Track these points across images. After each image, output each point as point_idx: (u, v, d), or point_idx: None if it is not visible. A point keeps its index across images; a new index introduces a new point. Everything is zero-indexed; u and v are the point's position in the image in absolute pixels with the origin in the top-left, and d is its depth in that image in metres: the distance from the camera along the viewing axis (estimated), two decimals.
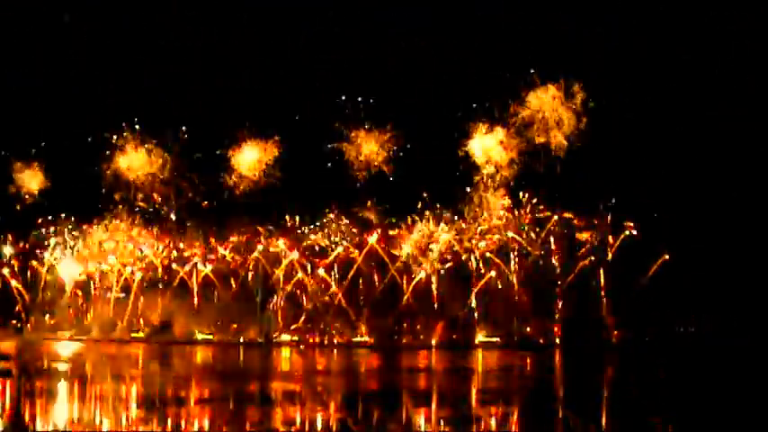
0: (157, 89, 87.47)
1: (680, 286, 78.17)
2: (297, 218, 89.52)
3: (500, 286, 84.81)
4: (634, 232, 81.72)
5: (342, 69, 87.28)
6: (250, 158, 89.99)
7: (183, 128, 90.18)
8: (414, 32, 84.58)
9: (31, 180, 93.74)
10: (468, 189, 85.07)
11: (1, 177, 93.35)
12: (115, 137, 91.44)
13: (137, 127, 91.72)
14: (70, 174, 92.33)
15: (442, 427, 32.01)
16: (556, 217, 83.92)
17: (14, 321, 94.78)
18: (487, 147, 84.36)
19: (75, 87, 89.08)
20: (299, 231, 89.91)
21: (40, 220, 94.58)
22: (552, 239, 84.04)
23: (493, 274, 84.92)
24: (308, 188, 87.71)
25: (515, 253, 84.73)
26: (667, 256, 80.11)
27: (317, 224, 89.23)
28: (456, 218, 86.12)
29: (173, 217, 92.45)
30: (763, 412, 33.83)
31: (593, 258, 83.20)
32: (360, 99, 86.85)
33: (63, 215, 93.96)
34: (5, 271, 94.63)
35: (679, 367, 58.92)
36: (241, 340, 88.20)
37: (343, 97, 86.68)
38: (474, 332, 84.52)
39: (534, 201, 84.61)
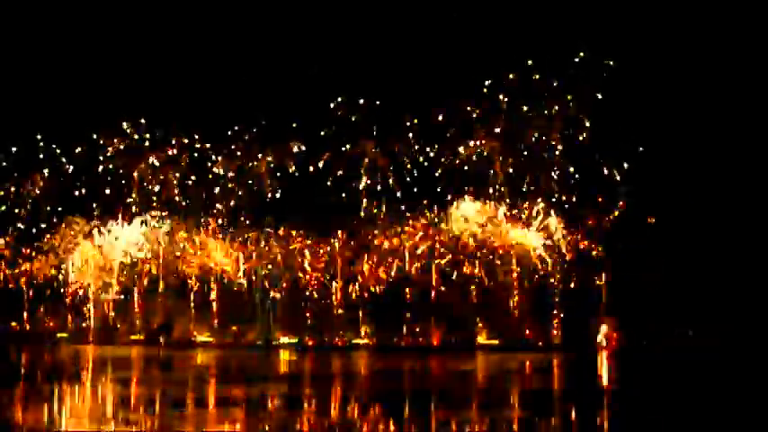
0: (159, 91, 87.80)
1: (681, 290, 78.11)
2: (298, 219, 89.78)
3: (500, 289, 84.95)
4: (636, 233, 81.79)
5: (342, 72, 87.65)
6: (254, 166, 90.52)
7: (196, 135, 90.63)
8: (410, 35, 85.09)
9: (34, 181, 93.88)
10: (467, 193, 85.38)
11: (3, 178, 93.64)
12: (119, 139, 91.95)
13: (135, 134, 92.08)
14: (72, 175, 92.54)
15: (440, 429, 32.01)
16: (555, 220, 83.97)
17: (14, 323, 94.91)
18: (486, 152, 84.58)
19: (76, 88, 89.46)
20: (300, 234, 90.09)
21: (41, 222, 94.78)
22: (552, 242, 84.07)
23: (493, 277, 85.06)
24: (310, 192, 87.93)
25: (515, 256, 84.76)
26: (667, 260, 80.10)
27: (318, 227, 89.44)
28: (458, 220, 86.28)
29: (174, 220, 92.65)
30: (760, 416, 33.80)
31: (592, 261, 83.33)
32: (361, 101, 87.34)
33: (64, 217, 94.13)
34: (6, 272, 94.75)
35: (676, 372, 58.93)
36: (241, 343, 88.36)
37: (339, 99, 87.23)
38: (474, 335, 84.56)
39: (534, 205, 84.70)
